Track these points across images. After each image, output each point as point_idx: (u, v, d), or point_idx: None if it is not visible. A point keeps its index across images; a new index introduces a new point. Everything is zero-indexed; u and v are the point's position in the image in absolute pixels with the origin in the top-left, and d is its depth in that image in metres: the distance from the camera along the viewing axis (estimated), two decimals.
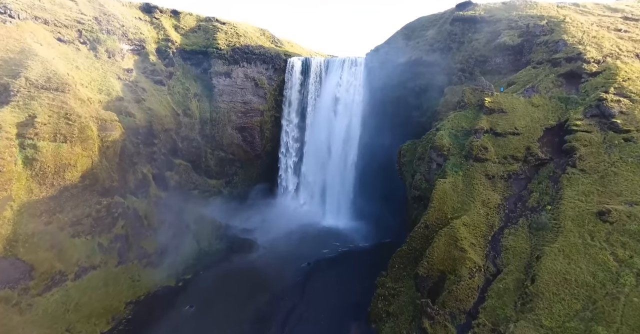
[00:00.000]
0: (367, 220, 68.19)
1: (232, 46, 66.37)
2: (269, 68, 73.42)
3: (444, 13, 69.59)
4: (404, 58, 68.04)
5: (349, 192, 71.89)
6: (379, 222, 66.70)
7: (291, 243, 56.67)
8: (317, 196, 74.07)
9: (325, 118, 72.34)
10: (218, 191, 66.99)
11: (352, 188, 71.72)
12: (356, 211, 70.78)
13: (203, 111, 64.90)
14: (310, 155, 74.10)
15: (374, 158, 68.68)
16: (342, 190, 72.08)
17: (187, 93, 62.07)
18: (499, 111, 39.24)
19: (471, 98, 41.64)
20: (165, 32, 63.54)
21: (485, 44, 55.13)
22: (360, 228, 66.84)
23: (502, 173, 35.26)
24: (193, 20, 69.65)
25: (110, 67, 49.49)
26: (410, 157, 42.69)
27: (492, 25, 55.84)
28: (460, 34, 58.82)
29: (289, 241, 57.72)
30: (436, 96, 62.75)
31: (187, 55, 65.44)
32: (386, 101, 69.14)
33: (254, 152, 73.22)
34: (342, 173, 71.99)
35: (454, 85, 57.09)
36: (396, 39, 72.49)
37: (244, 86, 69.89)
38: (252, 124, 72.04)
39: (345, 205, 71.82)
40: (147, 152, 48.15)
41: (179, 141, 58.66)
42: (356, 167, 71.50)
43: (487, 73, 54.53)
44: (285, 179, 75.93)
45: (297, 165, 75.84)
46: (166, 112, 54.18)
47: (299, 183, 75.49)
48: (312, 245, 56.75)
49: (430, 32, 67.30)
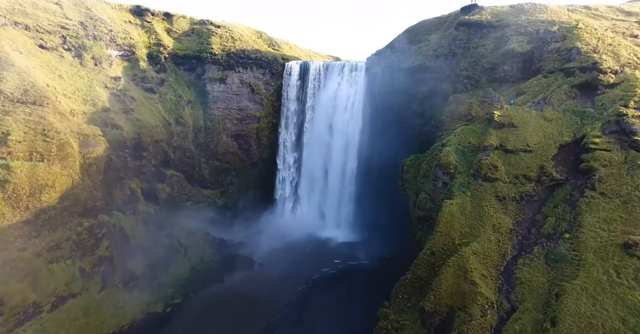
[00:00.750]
0: (368, 231, 65.70)
1: (227, 51, 63.63)
2: (265, 73, 70.73)
3: (447, 16, 66.87)
4: (406, 63, 65.39)
5: (349, 202, 69.38)
6: (380, 233, 64.17)
7: (288, 258, 54.13)
8: (316, 205, 71.56)
9: (325, 125, 69.76)
10: (213, 201, 64.40)
11: (352, 197, 69.21)
12: (356, 221, 68.29)
13: (197, 118, 62.24)
14: (309, 163, 71.53)
15: (375, 166, 66.15)
16: (341, 199, 69.56)
17: (179, 100, 59.39)
18: (509, 126, 36.62)
19: (479, 111, 39.00)
20: (157, 36, 60.79)
21: (492, 51, 52.44)
22: (361, 240, 64.32)
23: (513, 194, 32.67)
24: (186, 23, 66.88)
25: (97, 75, 46.79)
26: (414, 174, 40.13)
27: (499, 30, 53.13)
28: (466, 40, 56.12)
29: (286, 255, 55.19)
30: (440, 103, 60.13)
31: (180, 60, 62.74)
32: (388, 107, 66.57)
33: (250, 160, 70.64)
34: (342, 182, 69.46)
35: (459, 93, 54.46)
36: (398, 42, 69.81)
37: (240, 92, 67.22)
38: (248, 132, 69.42)
39: (345, 215, 69.32)
40: (136, 165, 45.54)
41: (171, 151, 56.04)
42: (356, 176, 68.99)
43: (494, 81, 51.91)
44: (282, 188, 73.35)
45: (295, 173, 73.30)
46: (157, 122, 51.51)
47: (297, 192, 72.95)
48: (311, 261, 54.23)
49: (434, 37, 64.60)
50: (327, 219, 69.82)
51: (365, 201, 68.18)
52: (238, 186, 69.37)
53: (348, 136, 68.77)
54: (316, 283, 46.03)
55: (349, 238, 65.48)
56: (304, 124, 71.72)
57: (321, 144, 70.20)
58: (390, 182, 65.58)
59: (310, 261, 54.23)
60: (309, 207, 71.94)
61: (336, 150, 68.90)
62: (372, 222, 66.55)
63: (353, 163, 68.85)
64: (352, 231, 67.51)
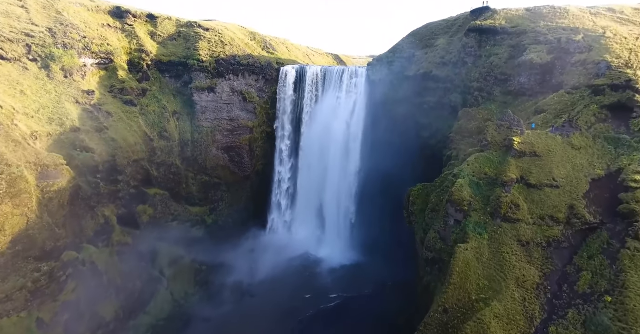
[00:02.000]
0: (369, 250, 61.22)
1: (216, 57, 58.47)
2: (259, 79, 65.64)
3: (456, 19, 61.64)
4: (411, 71, 60.36)
5: (349, 220, 64.79)
6: (382, 253, 59.78)
7: (282, 287, 49.80)
8: (314, 222, 66.92)
9: (323, 135, 64.80)
10: (201, 219, 59.83)
11: (352, 215, 64.62)
12: (356, 239, 63.79)
13: (183, 131, 57.34)
14: (306, 176, 66.78)
15: (376, 181, 61.51)
16: (340, 216, 64.97)
17: (163, 112, 54.43)
18: (532, 155, 31.87)
19: (496, 136, 34.18)
20: (139, 41, 55.59)
21: (507, 61, 47.43)
22: (361, 262, 59.87)
23: (539, 239, 28.09)
24: (172, 25, 61.59)
25: (67, 89, 41.84)
26: (422, 206, 35.45)
27: (515, 38, 48.03)
28: (477, 47, 51.04)
29: (280, 283, 50.83)
30: (448, 116, 55.28)
31: (164, 67, 57.63)
32: (390, 118, 61.71)
33: (243, 174, 65.88)
34: (341, 198, 64.78)
35: (469, 107, 49.60)
36: (402, 47, 64.66)
37: (231, 101, 62.23)
38: (240, 143, 64.58)
39: (343, 232, 64.81)
40: (111, 190, 40.90)
41: (154, 168, 51.27)
42: (356, 190, 64.35)
43: (508, 94, 47.01)
44: (277, 204, 68.71)
45: (292, 187, 68.63)
46: (136, 138, 46.64)
47: (294, 208, 68.33)
48: (306, 289, 49.89)
49: (441, 42, 59.47)
50: (324, 236, 65.32)
51: (366, 218, 63.67)
52: (229, 201, 64.71)
53: (347, 147, 64.01)
54: (311, 321, 41.68)
55: (348, 259, 61.06)
56: (300, 134, 66.88)
57: (319, 156, 65.39)
58: (392, 199, 61.02)
59: (306, 289, 49.88)
60: (305, 223, 67.37)
61: (335, 162, 64.13)
62: (373, 241, 62.14)
63: (353, 177, 64.20)
64: (351, 250, 63.07)
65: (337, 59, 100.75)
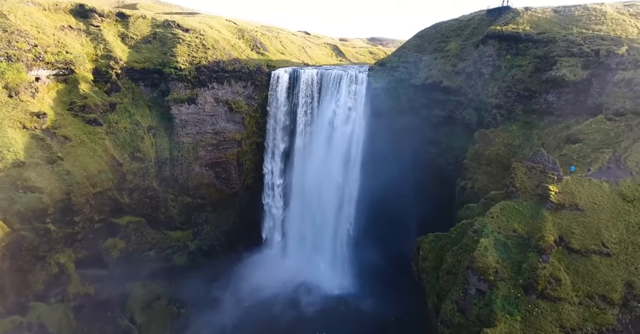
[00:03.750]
0: (369, 277, 55.63)
1: (196, 64, 51.24)
2: (247, 86, 58.59)
3: (469, 19, 54.33)
4: (417, 79, 53.49)
5: (347, 243, 59.02)
6: (383, 280, 54.51)
7: (271, 328, 44.53)
8: (309, 243, 61.13)
9: (319, 147, 58.38)
10: (183, 245, 53.98)
11: (350, 238, 58.85)
12: (355, 267, 58.07)
13: (160, 149, 50.75)
14: (300, 194, 60.57)
15: (378, 202, 55.57)
16: (338, 240, 59.12)
17: (136, 129, 47.71)
18: (572, 208, 25.75)
19: (526, 181, 27.89)
20: (106, 45, 48.26)
21: (531, 74, 40.69)
22: (360, 293, 54.41)
23: (589, 328, 22.30)
24: (147, 25, 54.01)
25: (11, 112, 35.03)
26: (434, 263, 29.46)
27: (541, 47, 41.10)
28: (496, 56, 44.13)
29: (270, 322, 45.55)
30: (460, 133, 48.73)
31: (137, 75, 50.48)
32: (394, 130, 55.11)
33: (231, 190, 59.65)
34: (339, 219, 58.82)
35: (486, 127, 43.05)
36: (407, 51, 57.49)
37: (215, 112, 55.35)
38: (227, 158, 58.08)
39: (341, 258, 59.10)
40: (66, 233, 34.76)
41: (125, 195, 45.01)
42: (356, 212, 58.31)
43: (532, 112, 40.49)
44: (269, 223, 62.80)
45: (284, 205, 62.58)
46: (101, 165, 40.13)
47: (286, 227, 62.46)
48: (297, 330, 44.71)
49: (453, 46, 52.36)
50: (320, 261, 59.66)
51: (365, 241, 57.97)
52: (215, 222, 58.71)
53: (346, 162, 57.66)
54: None
55: (347, 287, 55.67)
56: (294, 146, 60.33)
57: (315, 170, 59.08)
58: (394, 222, 55.25)
59: (297, 329, 44.71)
60: (300, 245, 61.60)
61: (332, 178, 57.87)
62: (373, 266, 56.65)
63: (351, 196, 58.09)
64: (348, 277, 57.61)
65: (336, 50, 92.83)
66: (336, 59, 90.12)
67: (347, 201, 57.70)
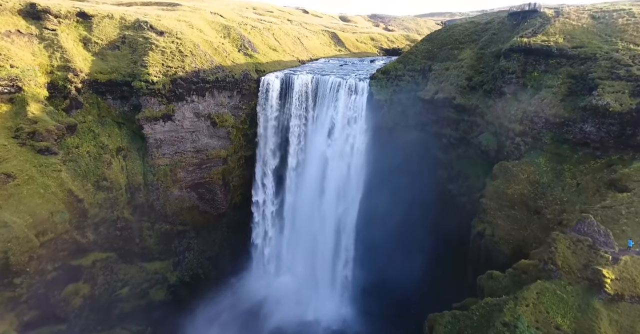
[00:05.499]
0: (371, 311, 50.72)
1: (171, 76, 44.21)
2: (233, 95, 51.82)
3: (487, 22, 47.35)
4: (425, 92, 47.06)
5: (347, 267, 53.88)
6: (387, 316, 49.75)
7: None
8: (304, 268, 55.87)
9: (314, 164, 52.46)
10: (162, 277, 48.59)
11: (349, 265, 53.64)
12: (357, 299, 53.14)
13: (132, 173, 44.46)
14: (294, 216, 55.05)
15: (380, 226, 50.42)
16: (337, 267, 53.80)
17: (102, 153, 41.26)
18: (635, 300, 20.23)
19: (570, 259, 22.21)
20: (64, 53, 41.07)
21: (564, 98, 34.42)
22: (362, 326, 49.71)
23: None
24: (114, 27, 46.52)
25: None
26: None
27: (577, 64, 34.59)
28: (520, 73, 37.64)
29: None
30: (475, 157, 42.64)
31: (103, 88, 43.52)
32: (398, 147, 49.38)
33: (217, 212, 53.85)
34: (338, 240, 53.37)
35: (507, 155, 36.99)
36: (414, 57, 50.72)
37: (196, 128, 48.79)
38: (211, 178, 51.95)
39: (340, 287, 53.99)
40: (4, 298, 28.99)
41: (89, 233, 39.13)
42: (357, 232, 52.85)
43: (564, 142, 34.51)
44: (260, 244, 57.37)
45: (277, 226, 57.05)
46: (54, 205, 33.93)
47: (280, 250, 57.15)
48: None
49: (467, 55, 45.66)
50: (318, 287, 54.51)
51: (367, 269, 52.94)
52: (199, 249, 53.18)
53: (346, 181, 51.86)
54: None
55: (347, 320, 50.95)
56: (287, 161, 54.24)
57: (311, 188, 53.27)
58: (397, 251, 50.15)
59: None
60: (294, 270, 56.46)
61: (330, 198, 52.17)
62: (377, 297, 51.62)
63: (350, 218, 52.50)
64: (350, 305, 52.87)
65: (335, 38, 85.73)
66: (335, 48, 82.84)
67: (344, 225, 52.17)
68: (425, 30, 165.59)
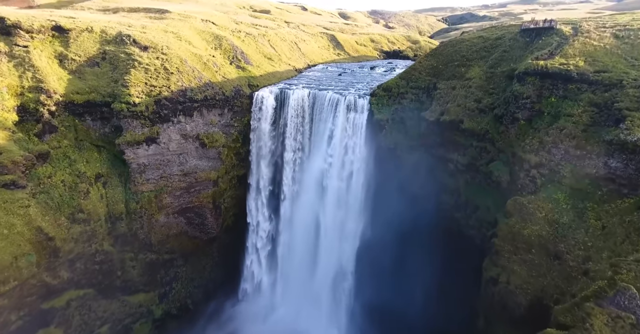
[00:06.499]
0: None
1: (155, 96, 40.58)
2: (224, 113, 48.32)
3: (498, 39, 44.04)
4: (430, 112, 43.73)
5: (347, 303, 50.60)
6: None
7: None
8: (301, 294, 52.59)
9: (312, 182, 49.18)
10: (147, 311, 45.11)
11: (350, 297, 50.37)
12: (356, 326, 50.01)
13: (113, 201, 40.88)
14: (291, 238, 51.79)
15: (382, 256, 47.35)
16: (337, 300, 50.46)
17: (78, 182, 37.65)
18: None
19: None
20: (36, 72, 37.38)
21: (586, 128, 31.21)
22: None
23: None
24: (94, 41, 42.84)
25: None
26: None
27: (601, 90, 31.40)
28: (535, 98, 34.42)
29: None
30: (485, 186, 39.18)
31: (80, 109, 39.86)
32: (400, 168, 46.14)
33: (207, 236, 50.37)
34: (336, 272, 50.08)
35: (520, 189, 33.69)
36: (417, 74, 47.33)
37: (183, 150, 45.25)
38: (201, 202, 48.44)
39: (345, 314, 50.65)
40: None
41: (62, 271, 35.65)
42: (356, 262, 49.58)
43: (586, 177, 31.10)
44: (255, 269, 54.02)
45: (272, 250, 53.77)
46: (20, 246, 30.41)
47: (275, 275, 53.86)
48: None
49: (476, 73, 42.35)
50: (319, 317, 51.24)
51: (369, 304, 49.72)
52: (187, 277, 49.71)
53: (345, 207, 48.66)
54: None
55: None
56: (282, 187, 50.95)
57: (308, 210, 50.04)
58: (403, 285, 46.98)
59: None
60: (290, 296, 53.18)
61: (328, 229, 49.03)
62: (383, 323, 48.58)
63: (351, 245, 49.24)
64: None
65: (333, 40, 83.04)
66: (333, 52, 79.68)
67: (344, 253, 48.94)
68: (426, 27, 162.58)
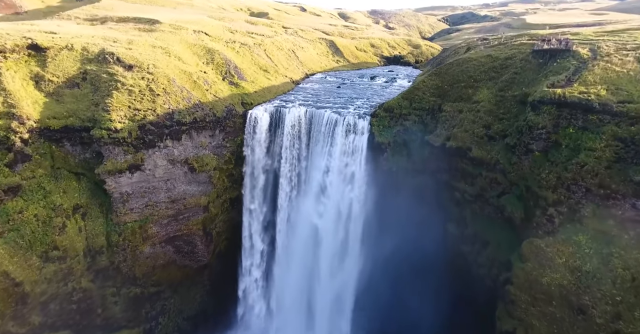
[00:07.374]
0: None
1: (139, 121, 37.50)
2: (215, 134, 45.29)
3: (508, 58, 41.31)
4: (435, 137, 40.98)
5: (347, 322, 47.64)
6: None
7: None
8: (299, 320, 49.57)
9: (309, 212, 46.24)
10: None
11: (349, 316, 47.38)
12: None
13: (92, 234, 37.75)
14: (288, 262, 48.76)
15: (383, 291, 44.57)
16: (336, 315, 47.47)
17: (53, 216, 34.54)
18: None
19: None
20: (7, 96, 34.27)
21: (610, 165, 28.32)
22: None
23: None
24: (74, 60, 39.74)
25: None
26: None
27: (626, 123, 28.52)
28: (551, 128, 31.58)
29: None
30: (496, 219, 36.01)
31: (57, 135, 36.74)
32: (403, 194, 43.17)
33: (198, 264, 47.27)
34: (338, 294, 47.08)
35: (536, 228, 30.71)
36: (421, 94, 44.57)
37: (171, 176, 42.15)
38: (190, 229, 45.31)
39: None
40: None
41: (33, 315, 32.57)
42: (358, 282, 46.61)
43: (610, 217, 28.24)
44: (248, 301, 50.90)
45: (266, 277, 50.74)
46: None
47: (270, 302, 50.86)
48: None
49: (484, 96, 39.56)
50: None
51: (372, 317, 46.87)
52: (176, 310, 46.52)
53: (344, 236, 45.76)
54: None
55: None
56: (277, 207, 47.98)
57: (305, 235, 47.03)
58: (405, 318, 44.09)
59: None
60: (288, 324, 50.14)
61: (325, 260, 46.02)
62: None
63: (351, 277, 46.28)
64: None
65: (332, 46, 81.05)
66: (332, 59, 77.07)
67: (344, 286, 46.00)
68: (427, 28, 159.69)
